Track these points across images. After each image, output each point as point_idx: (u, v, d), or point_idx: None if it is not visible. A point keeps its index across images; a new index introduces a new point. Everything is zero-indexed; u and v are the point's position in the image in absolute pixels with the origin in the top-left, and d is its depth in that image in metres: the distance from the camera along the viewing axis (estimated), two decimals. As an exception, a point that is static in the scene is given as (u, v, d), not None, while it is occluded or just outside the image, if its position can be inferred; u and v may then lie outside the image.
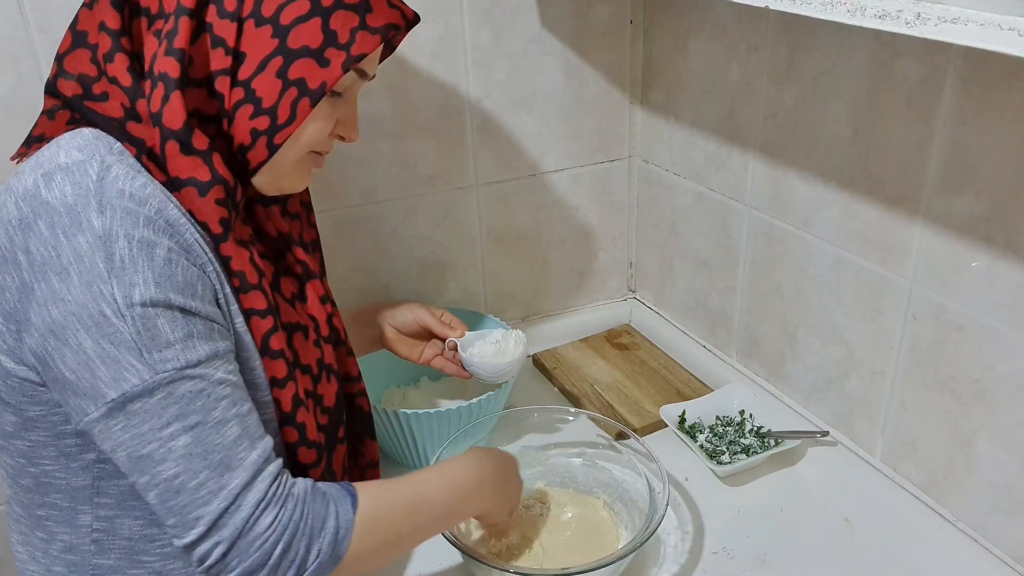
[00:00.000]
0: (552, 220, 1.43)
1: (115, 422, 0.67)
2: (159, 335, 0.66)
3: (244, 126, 0.73)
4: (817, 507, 1.08)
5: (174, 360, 0.67)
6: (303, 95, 0.73)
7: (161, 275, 0.66)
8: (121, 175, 0.68)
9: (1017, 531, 0.93)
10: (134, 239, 0.66)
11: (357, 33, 0.74)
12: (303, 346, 0.82)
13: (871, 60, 0.97)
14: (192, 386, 0.67)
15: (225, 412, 0.69)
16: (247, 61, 0.72)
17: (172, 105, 0.69)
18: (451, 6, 1.22)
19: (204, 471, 0.68)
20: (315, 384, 0.84)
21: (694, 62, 1.26)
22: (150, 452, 0.67)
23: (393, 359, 1.19)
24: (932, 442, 1.01)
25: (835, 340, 1.12)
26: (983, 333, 0.92)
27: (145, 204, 0.67)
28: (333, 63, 0.73)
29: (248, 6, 0.71)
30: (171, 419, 0.67)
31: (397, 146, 1.27)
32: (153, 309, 0.66)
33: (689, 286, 1.40)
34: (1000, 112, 0.85)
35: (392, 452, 1.17)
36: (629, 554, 0.91)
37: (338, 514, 0.73)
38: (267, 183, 0.79)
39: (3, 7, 1.00)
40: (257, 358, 0.77)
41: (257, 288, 0.76)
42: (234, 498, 0.68)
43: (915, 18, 0.66)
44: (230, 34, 0.71)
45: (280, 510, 0.70)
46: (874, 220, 1.02)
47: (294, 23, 0.71)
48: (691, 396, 1.28)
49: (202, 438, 0.68)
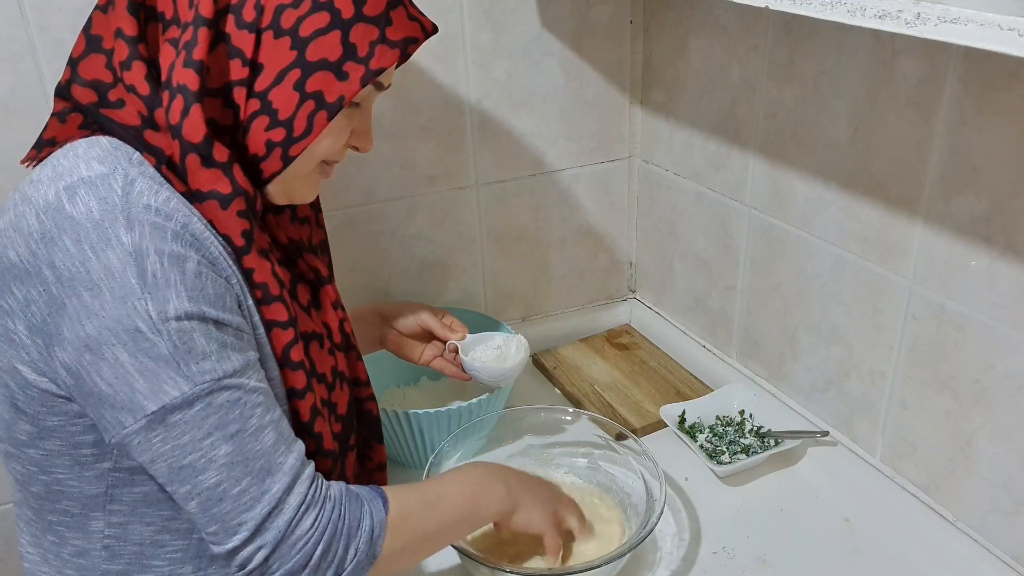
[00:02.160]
0: (552, 220, 1.43)
1: (155, 434, 0.67)
2: (195, 347, 0.67)
3: (259, 137, 0.73)
4: (817, 507, 1.08)
5: (211, 371, 0.67)
6: (320, 108, 0.72)
7: (193, 288, 0.67)
8: (146, 189, 0.68)
9: (1017, 531, 0.93)
10: (164, 254, 0.66)
11: (377, 47, 0.73)
12: (319, 355, 0.83)
13: (871, 60, 0.97)
14: (229, 395, 0.68)
15: (261, 419, 0.70)
16: (264, 72, 0.71)
17: (192, 118, 0.69)
18: (451, 6, 1.22)
19: (246, 478, 0.69)
20: (330, 392, 0.84)
21: (694, 62, 1.26)
22: (191, 462, 0.68)
23: (393, 359, 1.19)
24: (932, 442, 1.01)
25: (835, 340, 1.12)
26: (983, 333, 0.92)
27: (171, 219, 0.67)
28: (352, 76, 0.72)
29: (267, 17, 0.70)
30: (211, 429, 0.68)
31: (397, 146, 1.27)
32: (188, 322, 0.66)
33: (689, 286, 1.40)
34: (1000, 112, 0.85)
35: (392, 452, 1.17)
36: (625, 554, 0.91)
37: (372, 514, 0.75)
38: (279, 193, 0.78)
39: (3, 7, 1.00)
40: (276, 369, 0.77)
41: (279, 300, 0.76)
42: (277, 502, 0.70)
43: (915, 18, 0.66)
44: (248, 45, 0.70)
45: (320, 511, 0.72)
46: (874, 220, 1.02)
47: (313, 35, 0.71)
48: (691, 396, 1.28)
49: (242, 445, 0.69)
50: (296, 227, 0.86)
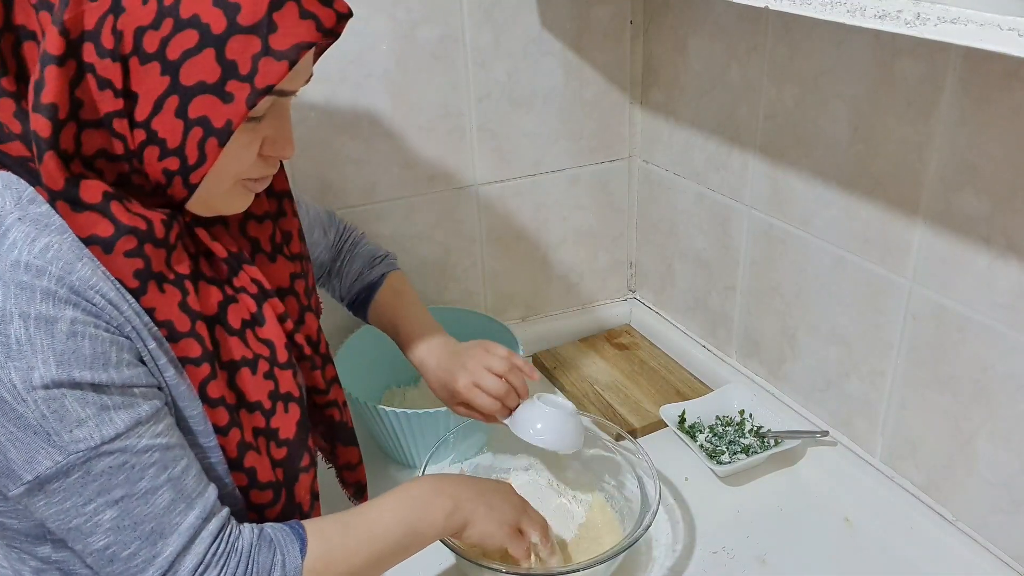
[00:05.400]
0: (552, 220, 1.43)
1: (37, 499, 0.65)
2: (68, 415, 0.62)
3: (155, 167, 0.67)
4: (817, 507, 1.08)
5: (86, 439, 0.63)
6: (209, 135, 0.65)
7: (63, 352, 0.62)
8: (20, 240, 0.62)
9: (1017, 531, 0.93)
10: (30, 317, 0.61)
11: (260, 60, 0.64)
12: (251, 382, 0.76)
13: (871, 60, 0.97)
14: (111, 461, 0.65)
15: (154, 480, 0.66)
16: (141, 102, 0.64)
17: (47, 165, 0.62)
18: (451, 6, 1.22)
19: (135, 542, 0.66)
20: (268, 419, 0.77)
21: (694, 62, 1.26)
22: (77, 526, 0.65)
23: (393, 359, 1.18)
24: (932, 442, 1.01)
25: (835, 340, 1.12)
26: (983, 333, 0.92)
27: (44, 274, 0.62)
28: (237, 98, 0.64)
29: (128, 43, 0.62)
30: (92, 495, 0.64)
31: (397, 146, 1.27)
32: (57, 390, 0.62)
33: (689, 286, 1.40)
34: (1000, 112, 0.85)
35: (392, 452, 1.17)
36: (620, 553, 0.91)
37: (284, 563, 0.71)
38: (202, 210, 0.73)
39: (3, 7, 1.00)
40: (199, 405, 0.72)
41: (189, 335, 0.70)
42: (169, 565, 0.67)
43: (915, 18, 0.66)
44: (115, 75, 0.63)
45: (222, 570, 0.68)
46: (874, 220, 1.02)
47: (182, 57, 0.63)
48: (691, 396, 1.28)
49: (129, 510, 0.66)
50: (254, 227, 0.80)
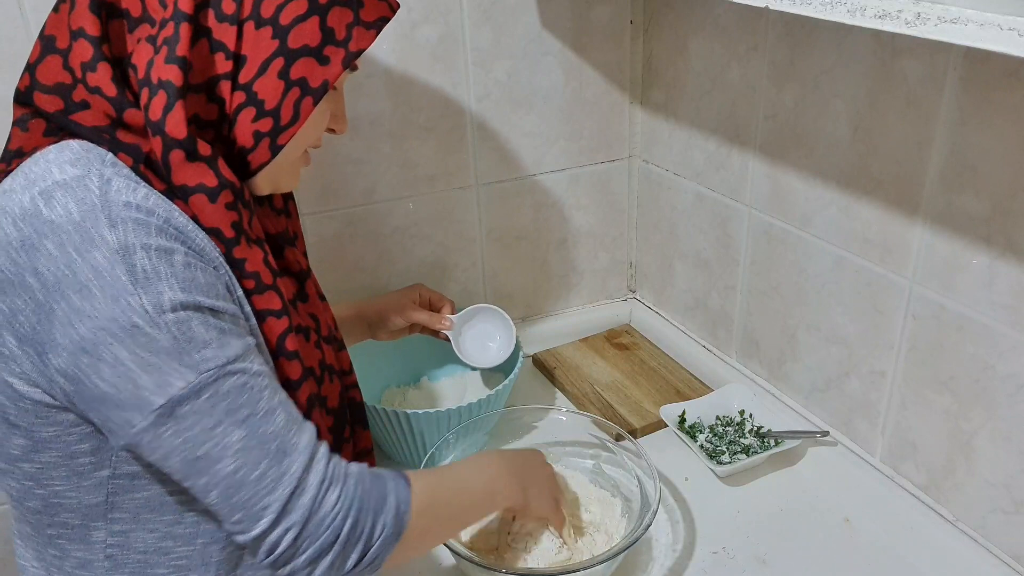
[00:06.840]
0: (552, 220, 1.43)
1: (165, 429, 0.66)
2: (195, 336, 0.66)
3: (247, 129, 0.73)
4: (817, 507, 1.08)
5: (214, 359, 0.67)
6: (306, 94, 0.73)
7: (184, 279, 0.66)
8: (123, 187, 0.67)
9: (1017, 531, 0.93)
10: (151, 248, 0.65)
11: (353, 29, 0.74)
12: (307, 348, 0.82)
13: (871, 60, 0.97)
14: (235, 381, 0.68)
15: (270, 401, 0.70)
16: (248, 64, 0.71)
17: (175, 114, 0.68)
18: (451, 6, 1.22)
19: (263, 461, 0.68)
20: (319, 386, 0.83)
21: (694, 62, 1.26)
22: (206, 452, 0.67)
23: (393, 359, 1.20)
24: (932, 442, 1.01)
25: (835, 340, 1.12)
26: (983, 333, 0.92)
27: (153, 214, 0.67)
28: (333, 60, 0.73)
29: (247, 8, 0.70)
30: (222, 416, 0.67)
31: (397, 146, 1.27)
32: (184, 312, 0.66)
33: (689, 286, 1.40)
34: (1000, 112, 0.85)
35: (392, 451, 1.17)
36: (620, 553, 0.91)
37: (396, 490, 0.75)
38: (266, 183, 0.78)
39: (3, 7, 1.00)
40: (269, 361, 0.76)
41: (272, 288, 0.75)
42: (298, 481, 0.69)
43: (915, 18, 0.66)
44: (230, 38, 0.70)
45: (343, 487, 0.71)
46: (874, 220, 1.02)
47: (294, 23, 0.71)
48: (691, 396, 1.28)
49: (255, 429, 0.68)
50: (275, 219, 0.86)
